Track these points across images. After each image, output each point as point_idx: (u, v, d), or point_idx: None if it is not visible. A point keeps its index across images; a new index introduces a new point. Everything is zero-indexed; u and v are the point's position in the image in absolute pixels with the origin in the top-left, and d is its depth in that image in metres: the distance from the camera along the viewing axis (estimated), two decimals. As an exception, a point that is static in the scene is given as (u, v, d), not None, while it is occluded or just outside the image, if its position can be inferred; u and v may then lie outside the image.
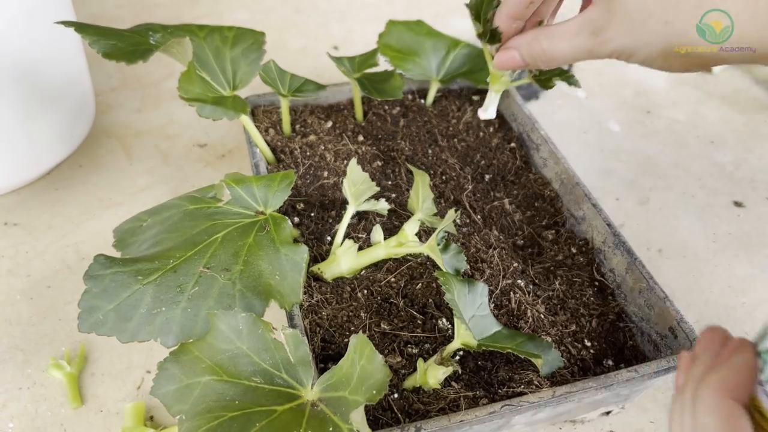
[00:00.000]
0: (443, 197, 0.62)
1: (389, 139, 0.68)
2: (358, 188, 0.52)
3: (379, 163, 0.64)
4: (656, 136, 0.85)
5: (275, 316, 0.58)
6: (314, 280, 0.52)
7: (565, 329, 0.51)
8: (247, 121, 0.60)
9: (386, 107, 0.73)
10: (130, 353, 0.56)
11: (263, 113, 0.69)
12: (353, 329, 0.49)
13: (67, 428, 0.51)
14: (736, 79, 0.98)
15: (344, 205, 0.58)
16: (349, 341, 0.38)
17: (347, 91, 0.73)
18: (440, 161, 0.65)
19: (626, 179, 0.78)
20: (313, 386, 0.39)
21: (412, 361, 0.48)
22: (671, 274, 0.67)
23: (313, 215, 0.58)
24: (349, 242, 0.51)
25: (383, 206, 0.55)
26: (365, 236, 0.56)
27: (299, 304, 0.44)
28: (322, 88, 0.66)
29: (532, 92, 0.90)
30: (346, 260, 0.51)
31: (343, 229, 0.53)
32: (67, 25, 0.52)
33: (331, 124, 0.69)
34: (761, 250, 0.70)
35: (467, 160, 0.66)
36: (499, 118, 0.72)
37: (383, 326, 0.49)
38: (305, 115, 0.70)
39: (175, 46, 0.51)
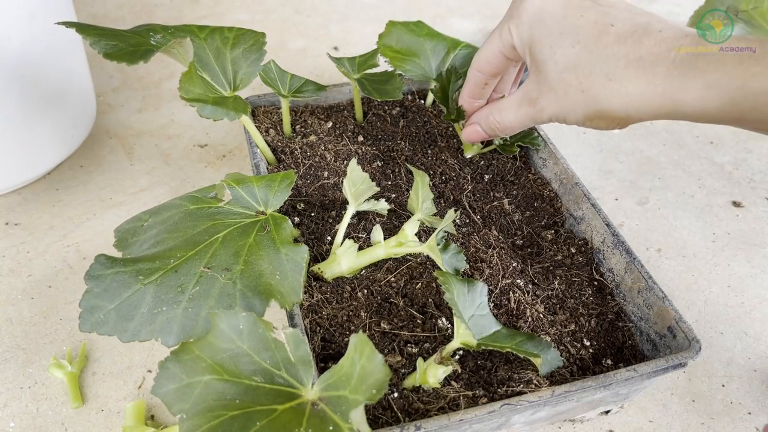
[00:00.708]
0: (443, 197, 0.62)
1: (389, 139, 0.68)
2: (358, 188, 0.52)
3: (379, 163, 0.65)
4: (655, 136, 0.85)
5: (276, 315, 0.59)
6: (314, 279, 0.53)
7: (564, 329, 0.52)
8: (247, 121, 0.60)
9: (386, 108, 0.73)
10: (131, 353, 0.56)
11: (264, 114, 0.70)
12: (353, 329, 0.49)
13: (68, 427, 0.51)
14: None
15: (344, 205, 0.58)
16: (349, 340, 0.38)
17: (347, 91, 0.73)
18: (440, 161, 0.65)
19: (625, 179, 0.78)
20: (313, 385, 0.39)
21: (411, 360, 0.48)
22: (670, 273, 0.67)
23: (313, 215, 0.58)
24: (349, 242, 0.51)
25: (383, 206, 0.55)
26: (365, 236, 0.56)
27: (299, 303, 0.44)
28: (322, 88, 0.66)
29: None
30: (346, 260, 0.51)
31: (343, 229, 0.53)
32: (68, 25, 0.52)
33: (331, 124, 0.69)
34: (760, 249, 0.70)
35: (467, 160, 0.66)
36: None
37: (383, 326, 0.50)
38: (305, 115, 0.71)
39: (176, 46, 0.51)
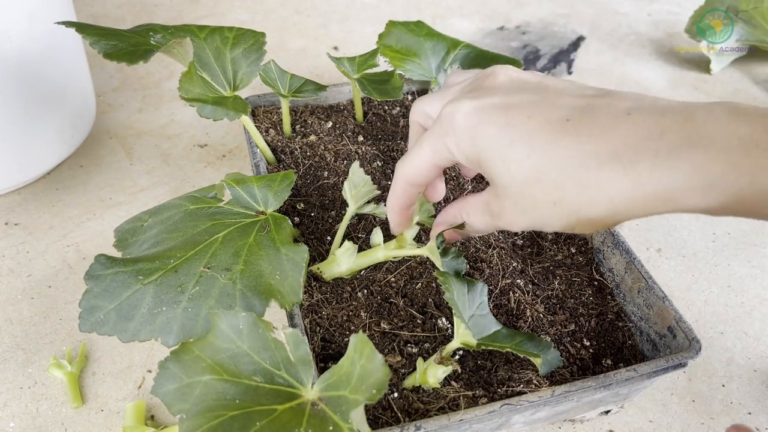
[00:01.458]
0: (443, 197, 0.62)
1: (389, 139, 0.68)
2: (359, 191, 0.52)
3: (379, 163, 0.65)
4: (656, 136, 0.85)
5: (275, 315, 0.59)
6: (314, 279, 0.53)
7: (564, 329, 0.52)
8: (247, 121, 0.60)
9: (386, 107, 0.73)
10: (130, 353, 0.56)
11: (263, 113, 0.70)
12: (353, 329, 0.49)
13: (68, 427, 0.51)
14: (735, 79, 0.98)
15: (344, 205, 0.58)
16: (349, 340, 0.38)
17: (347, 91, 0.73)
18: (440, 161, 0.65)
19: (626, 179, 0.78)
20: (313, 385, 0.39)
21: (411, 360, 0.48)
22: (670, 273, 0.67)
23: (313, 215, 0.58)
24: (348, 244, 0.51)
25: (382, 210, 0.55)
26: (365, 236, 0.56)
27: (299, 303, 0.44)
28: (322, 88, 0.66)
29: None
30: (345, 261, 0.51)
31: (342, 230, 0.53)
32: (68, 25, 0.52)
33: (331, 124, 0.69)
34: (760, 249, 0.70)
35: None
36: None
37: (383, 326, 0.50)
38: (305, 115, 0.71)
39: (175, 46, 0.51)
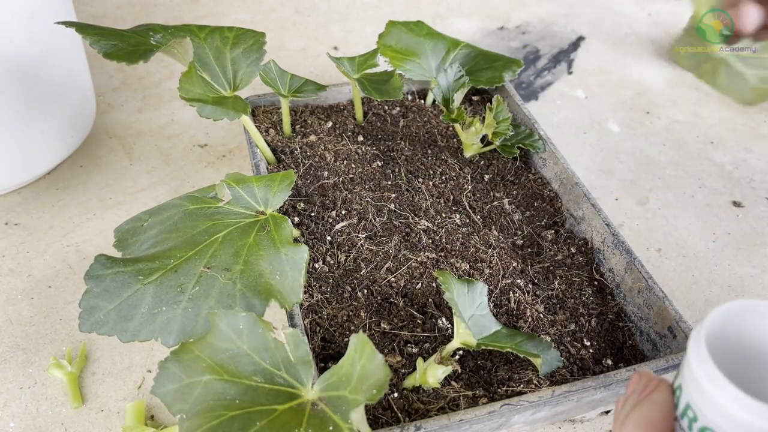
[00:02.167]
0: (443, 197, 0.62)
1: (389, 139, 0.68)
2: None
3: (379, 163, 0.65)
4: (655, 136, 0.85)
5: (276, 315, 0.59)
6: (314, 279, 0.53)
7: (564, 329, 0.52)
8: (247, 121, 0.60)
9: (386, 107, 0.73)
10: (130, 353, 0.56)
11: (264, 113, 0.70)
12: (353, 329, 0.49)
13: (68, 427, 0.51)
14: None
15: (344, 205, 0.58)
16: (349, 340, 0.38)
17: (347, 91, 0.73)
18: (440, 161, 0.65)
19: (625, 179, 0.78)
20: (313, 385, 0.39)
21: (411, 360, 0.48)
22: (670, 273, 0.67)
23: (313, 215, 0.58)
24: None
25: None
26: (365, 236, 0.56)
27: (299, 303, 0.44)
28: (322, 88, 0.66)
29: (531, 92, 0.91)
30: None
31: None
32: (68, 25, 0.52)
33: (331, 124, 0.69)
34: (760, 249, 0.70)
35: (467, 159, 0.66)
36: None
37: (383, 326, 0.50)
38: (305, 115, 0.71)
39: (175, 46, 0.51)
